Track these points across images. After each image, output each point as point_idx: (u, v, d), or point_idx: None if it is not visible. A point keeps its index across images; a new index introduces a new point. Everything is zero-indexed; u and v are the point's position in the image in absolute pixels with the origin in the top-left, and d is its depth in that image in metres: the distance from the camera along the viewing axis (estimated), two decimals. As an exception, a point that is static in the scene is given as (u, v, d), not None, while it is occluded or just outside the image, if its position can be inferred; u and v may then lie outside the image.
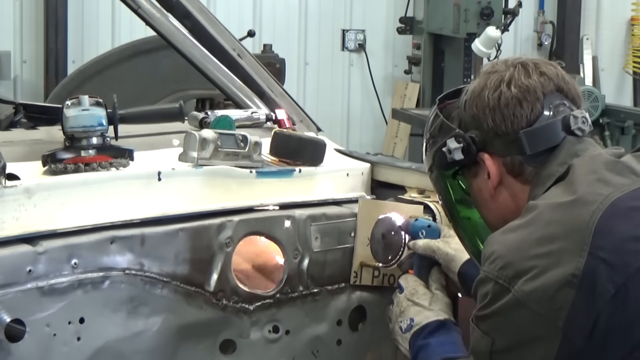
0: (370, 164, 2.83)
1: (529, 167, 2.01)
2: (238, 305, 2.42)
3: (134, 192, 2.34)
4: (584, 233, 1.80)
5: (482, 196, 2.09)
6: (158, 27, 2.96)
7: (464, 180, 2.15)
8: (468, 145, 2.05)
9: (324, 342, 2.57)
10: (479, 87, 2.04)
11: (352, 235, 2.57)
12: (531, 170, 2.01)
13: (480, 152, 2.04)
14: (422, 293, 2.40)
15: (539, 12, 8.78)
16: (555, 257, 1.81)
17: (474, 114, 2.04)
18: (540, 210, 1.89)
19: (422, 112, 7.47)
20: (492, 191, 2.06)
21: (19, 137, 2.69)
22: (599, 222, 1.81)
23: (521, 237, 1.87)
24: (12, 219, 2.14)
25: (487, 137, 2.03)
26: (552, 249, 1.82)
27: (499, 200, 2.06)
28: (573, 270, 1.78)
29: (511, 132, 2.00)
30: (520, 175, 2.02)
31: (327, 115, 8.04)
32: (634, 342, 1.80)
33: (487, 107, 2.02)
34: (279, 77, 5.92)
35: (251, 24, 7.71)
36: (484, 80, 2.04)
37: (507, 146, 2.01)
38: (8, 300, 2.07)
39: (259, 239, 2.50)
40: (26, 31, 7.63)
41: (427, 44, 7.92)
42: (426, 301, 2.38)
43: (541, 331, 1.82)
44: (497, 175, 2.04)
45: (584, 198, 1.85)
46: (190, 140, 2.47)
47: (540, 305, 1.80)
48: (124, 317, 2.26)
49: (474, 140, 2.04)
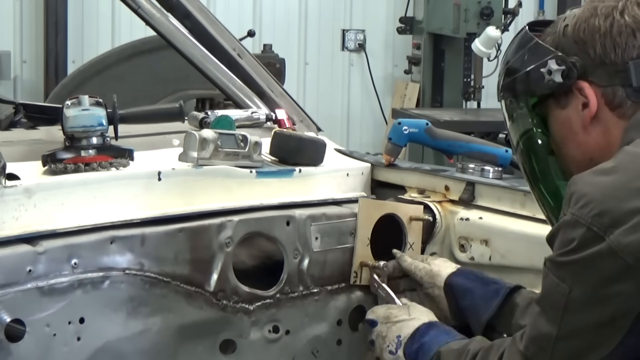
0: (371, 164, 2.83)
1: (629, 101, 1.92)
2: (238, 305, 2.42)
3: (134, 192, 2.34)
4: None
5: (571, 129, 1.98)
6: (158, 27, 2.96)
7: (548, 110, 2.02)
8: (569, 70, 1.94)
9: (324, 342, 2.57)
10: (585, 14, 1.95)
11: (352, 235, 2.57)
12: (631, 105, 1.92)
13: (578, 80, 1.95)
14: (397, 310, 2.38)
15: (539, 12, 8.78)
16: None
17: (578, 39, 1.95)
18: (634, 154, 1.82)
19: (422, 112, 7.47)
20: (586, 122, 1.95)
21: (19, 137, 2.69)
22: None
23: (619, 183, 1.79)
24: (12, 218, 2.14)
25: (590, 65, 1.94)
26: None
27: (591, 134, 1.96)
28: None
29: (619, 62, 1.91)
30: (618, 108, 1.93)
31: (327, 115, 8.04)
32: None
33: (597, 33, 1.92)
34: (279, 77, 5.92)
35: (251, 24, 7.71)
36: (591, 8, 1.94)
37: (610, 76, 1.92)
38: (8, 300, 2.07)
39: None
40: (26, 31, 7.63)
41: (427, 44, 7.92)
42: (405, 314, 2.35)
43: (629, 285, 1.76)
44: (595, 106, 1.94)
45: None
46: (190, 140, 2.47)
47: (636, 259, 1.74)
48: (124, 317, 2.26)
49: (575, 66, 1.95)
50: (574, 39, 1.96)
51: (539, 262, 2.31)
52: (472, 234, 2.59)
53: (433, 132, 2.74)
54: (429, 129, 2.73)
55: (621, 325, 1.79)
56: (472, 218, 2.60)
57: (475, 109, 8.00)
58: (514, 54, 2.05)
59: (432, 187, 2.70)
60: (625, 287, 1.77)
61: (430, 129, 2.73)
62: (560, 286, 1.83)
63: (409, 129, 2.72)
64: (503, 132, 3.89)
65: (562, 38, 1.98)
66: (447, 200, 2.67)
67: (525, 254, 2.45)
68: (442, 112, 7.50)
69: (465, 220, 2.61)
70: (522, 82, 2.02)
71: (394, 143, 2.74)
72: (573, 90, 1.96)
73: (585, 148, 1.97)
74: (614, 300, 1.79)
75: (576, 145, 1.99)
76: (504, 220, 2.55)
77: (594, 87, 1.94)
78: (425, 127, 2.72)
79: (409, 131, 2.72)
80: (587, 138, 1.97)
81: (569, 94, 1.97)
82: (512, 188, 2.54)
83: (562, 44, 1.97)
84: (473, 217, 2.60)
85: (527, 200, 2.49)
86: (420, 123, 2.75)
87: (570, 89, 1.96)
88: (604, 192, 1.80)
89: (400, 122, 2.74)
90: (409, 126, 2.72)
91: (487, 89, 8.23)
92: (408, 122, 2.75)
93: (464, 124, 7.16)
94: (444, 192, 2.68)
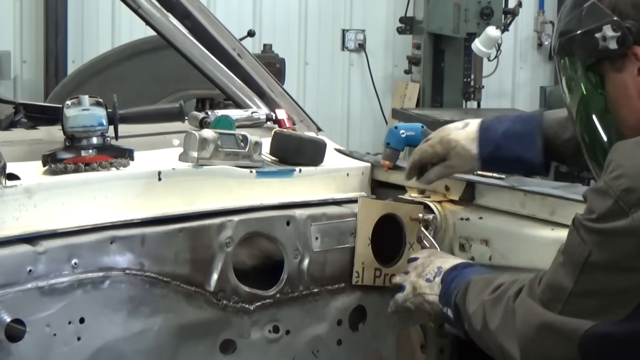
0: (371, 164, 2.83)
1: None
2: (238, 305, 2.42)
3: (134, 192, 2.34)
4: None
5: (627, 93, 1.97)
6: (158, 27, 2.96)
7: (604, 71, 2.00)
8: (624, 36, 1.93)
9: (324, 342, 2.57)
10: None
11: (352, 235, 2.57)
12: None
13: (635, 45, 1.94)
14: (440, 253, 2.44)
15: (539, 12, 8.78)
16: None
17: (636, 3, 1.93)
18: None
19: (422, 112, 7.47)
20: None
21: (19, 137, 2.69)
22: None
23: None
24: (12, 218, 2.14)
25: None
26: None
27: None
28: None
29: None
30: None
31: (327, 115, 8.04)
32: None
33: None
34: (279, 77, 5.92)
35: (251, 24, 7.71)
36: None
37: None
38: (8, 300, 2.07)
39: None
40: (26, 31, 7.63)
41: (427, 44, 7.92)
42: (448, 254, 2.42)
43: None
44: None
45: None
46: (190, 140, 2.47)
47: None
48: (124, 317, 2.26)
49: (630, 31, 1.93)
50: (632, 3, 1.94)
51: (539, 262, 2.32)
52: (472, 234, 2.59)
53: (429, 134, 2.76)
54: (425, 132, 2.75)
55: (634, 297, 1.83)
56: (472, 218, 2.60)
57: (475, 109, 8.01)
58: (570, 11, 2.02)
59: (432, 187, 2.70)
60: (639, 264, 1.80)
61: (426, 131, 2.75)
62: (582, 247, 1.87)
63: (406, 133, 2.73)
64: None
65: (619, 0, 1.96)
66: (447, 200, 2.67)
67: (525, 254, 2.45)
68: (442, 112, 7.50)
69: (465, 220, 2.61)
70: (576, 43, 2.01)
71: (392, 148, 2.75)
72: (629, 55, 1.95)
73: (639, 114, 1.97)
74: (630, 274, 1.82)
75: (629, 109, 1.98)
76: (504, 220, 2.54)
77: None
78: (421, 129, 2.74)
79: (406, 134, 2.73)
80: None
81: (625, 58, 1.96)
82: (512, 188, 2.54)
83: (619, 7, 1.95)
84: (473, 217, 2.60)
85: (527, 200, 2.49)
86: (416, 126, 2.77)
87: (626, 54, 1.95)
88: (638, 167, 1.82)
89: (397, 127, 2.76)
90: (406, 130, 2.74)
91: (487, 89, 8.24)
92: (404, 126, 2.76)
93: (464, 124, 7.15)
94: (444, 192, 2.68)
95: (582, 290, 1.88)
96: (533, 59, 8.85)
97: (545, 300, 1.95)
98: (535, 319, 1.96)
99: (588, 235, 1.87)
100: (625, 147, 1.88)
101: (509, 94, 8.85)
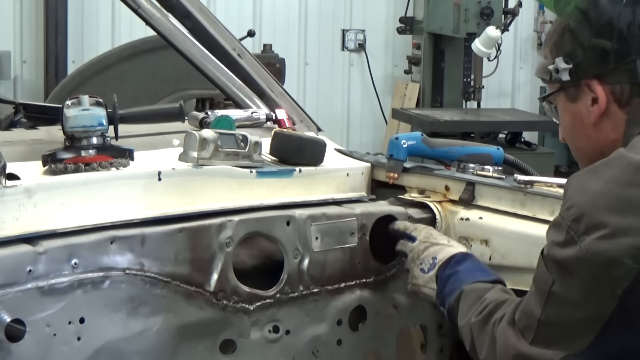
0: (371, 164, 2.83)
1: (637, 99, 1.95)
2: (238, 305, 2.42)
3: (134, 192, 2.34)
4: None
5: (582, 122, 2.02)
6: (158, 27, 2.96)
7: (559, 102, 2.07)
8: (577, 67, 1.98)
9: (324, 342, 2.57)
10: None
11: (352, 235, 2.57)
12: (638, 102, 1.96)
13: (587, 78, 1.98)
14: (437, 234, 2.44)
15: (539, 12, 8.78)
16: (628, 223, 1.79)
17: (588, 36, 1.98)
18: (626, 164, 1.85)
19: (422, 112, 7.48)
20: (596, 119, 1.99)
21: (19, 137, 2.69)
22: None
23: (600, 190, 1.84)
24: (12, 219, 2.14)
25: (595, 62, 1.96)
26: (627, 214, 1.80)
27: (601, 130, 1.99)
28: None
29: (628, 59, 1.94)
30: (626, 106, 1.96)
31: (327, 115, 8.04)
32: None
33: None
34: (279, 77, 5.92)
35: (251, 24, 7.71)
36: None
37: (618, 74, 1.95)
38: (8, 300, 2.07)
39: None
40: (26, 31, 7.64)
41: (427, 44, 7.92)
42: (444, 240, 2.41)
43: (598, 292, 1.82)
44: (605, 102, 1.97)
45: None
46: (190, 140, 2.47)
47: (601, 269, 1.80)
48: (124, 317, 2.26)
49: (582, 64, 1.98)
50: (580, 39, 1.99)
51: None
52: (472, 234, 2.59)
53: (429, 141, 2.78)
54: (425, 139, 2.76)
55: (594, 326, 1.85)
56: (472, 218, 2.60)
57: (475, 109, 8.01)
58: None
59: (432, 187, 2.70)
60: (593, 295, 1.83)
61: (426, 139, 2.76)
62: (547, 275, 1.91)
63: (408, 142, 2.73)
64: (503, 132, 3.84)
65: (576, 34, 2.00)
66: (447, 200, 2.67)
67: (525, 254, 2.45)
68: (442, 112, 7.50)
69: (465, 220, 2.61)
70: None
71: (395, 159, 2.75)
72: (582, 86, 1.99)
73: (596, 142, 2.01)
74: (585, 305, 1.84)
75: (586, 139, 2.03)
76: (504, 220, 2.55)
77: (603, 84, 1.97)
78: (421, 137, 2.75)
79: (408, 144, 2.73)
80: (597, 133, 2.00)
81: (578, 88, 2.00)
82: (512, 188, 2.54)
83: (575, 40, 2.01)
84: (473, 217, 2.60)
85: (527, 200, 2.49)
86: (416, 135, 2.78)
87: (579, 85, 1.99)
88: (586, 197, 1.86)
89: (397, 137, 2.76)
90: (406, 139, 2.74)
91: (487, 89, 8.24)
92: (405, 136, 2.77)
93: (464, 124, 7.16)
94: (444, 192, 2.68)
95: (549, 319, 1.90)
96: (533, 59, 8.85)
97: (522, 328, 1.96)
98: (511, 349, 1.98)
99: (549, 264, 1.90)
100: (578, 177, 1.91)
101: (509, 94, 8.85)
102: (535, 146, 7.11)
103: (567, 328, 1.88)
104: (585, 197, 1.86)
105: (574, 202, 1.86)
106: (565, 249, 1.86)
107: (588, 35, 1.97)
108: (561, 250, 1.87)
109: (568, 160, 7.97)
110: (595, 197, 1.84)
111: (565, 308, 1.88)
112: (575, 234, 1.84)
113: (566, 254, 1.85)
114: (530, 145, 7.02)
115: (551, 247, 1.90)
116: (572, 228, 1.84)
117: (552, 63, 2.02)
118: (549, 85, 2.08)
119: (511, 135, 7.06)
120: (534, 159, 6.26)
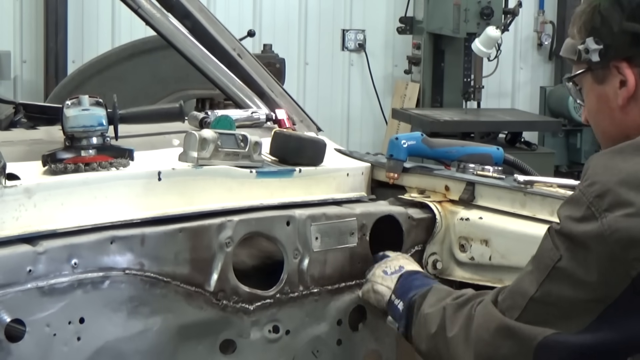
0: (371, 164, 2.83)
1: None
2: (238, 305, 2.42)
3: (134, 192, 2.34)
4: None
5: (608, 105, 2.00)
6: (158, 27, 2.96)
7: (586, 82, 2.05)
8: (606, 48, 1.96)
9: (324, 342, 2.57)
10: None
11: (352, 235, 2.57)
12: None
13: (617, 58, 1.96)
14: (410, 258, 2.51)
15: (539, 12, 8.79)
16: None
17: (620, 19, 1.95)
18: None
19: (422, 112, 7.48)
20: (624, 102, 1.97)
21: (19, 137, 2.69)
22: None
23: (629, 170, 1.83)
24: (12, 219, 2.14)
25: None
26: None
27: (628, 113, 1.98)
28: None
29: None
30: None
31: (327, 115, 8.05)
32: None
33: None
34: (279, 77, 5.92)
35: (251, 24, 7.72)
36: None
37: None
38: (8, 300, 2.07)
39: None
40: (26, 31, 7.64)
41: (427, 44, 7.93)
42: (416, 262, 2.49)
43: (609, 273, 1.80)
44: (634, 85, 1.96)
45: None
46: (190, 140, 2.47)
47: (620, 247, 1.78)
48: (124, 317, 2.26)
49: (612, 44, 1.96)
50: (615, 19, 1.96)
51: (539, 262, 2.32)
52: (472, 234, 2.59)
53: (429, 141, 2.78)
54: (425, 139, 2.76)
55: (594, 309, 1.83)
56: (472, 218, 2.60)
57: (475, 109, 8.01)
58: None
59: (432, 187, 2.70)
60: (605, 275, 1.81)
61: (426, 139, 2.76)
62: (553, 251, 1.89)
63: (407, 142, 2.73)
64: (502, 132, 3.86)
65: (608, 15, 1.97)
66: (447, 200, 2.67)
67: (525, 254, 2.44)
68: (442, 112, 7.51)
69: (465, 220, 2.61)
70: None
71: (395, 159, 2.75)
72: (610, 68, 1.97)
73: (622, 125, 1.99)
74: (593, 286, 1.82)
75: (611, 121, 2.01)
76: (504, 220, 2.55)
77: (633, 67, 1.96)
78: (421, 137, 2.75)
79: (408, 144, 2.73)
80: (624, 116, 1.98)
81: (606, 70, 1.98)
82: (512, 188, 2.54)
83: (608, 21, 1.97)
84: (473, 217, 2.60)
85: (527, 200, 2.49)
86: (416, 135, 2.78)
87: (608, 66, 1.98)
88: (612, 175, 1.84)
89: (397, 137, 2.76)
90: (407, 139, 2.74)
91: (487, 89, 8.24)
92: (405, 136, 2.77)
93: (464, 124, 7.17)
94: (444, 192, 2.68)
95: (544, 295, 1.89)
96: (533, 59, 8.86)
97: (505, 308, 1.95)
98: (493, 322, 1.97)
99: (560, 240, 1.88)
100: (601, 157, 1.91)
101: (509, 94, 8.85)
102: (535, 146, 7.12)
103: (565, 307, 1.86)
104: (611, 175, 1.84)
105: (598, 179, 1.84)
106: (583, 224, 1.83)
107: (620, 18, 1.94)
108: (578, 225, 1.84)
109: (568, 160, 7.98)
110: (623, 176, 1.83)
111: (567, 286, 1.85)
112: (596, 210, 1.82)
113: (584, 229, 1.83)
114: (530, 145, 7.02)
115: (566, 221, 1.88)
116: (594, 204, 1.82)
117: (580, 43, 1.99)
118: (576, 65, 2.05)
119: (511, 135, 7.07)
120: (534, 159, 6.26)
